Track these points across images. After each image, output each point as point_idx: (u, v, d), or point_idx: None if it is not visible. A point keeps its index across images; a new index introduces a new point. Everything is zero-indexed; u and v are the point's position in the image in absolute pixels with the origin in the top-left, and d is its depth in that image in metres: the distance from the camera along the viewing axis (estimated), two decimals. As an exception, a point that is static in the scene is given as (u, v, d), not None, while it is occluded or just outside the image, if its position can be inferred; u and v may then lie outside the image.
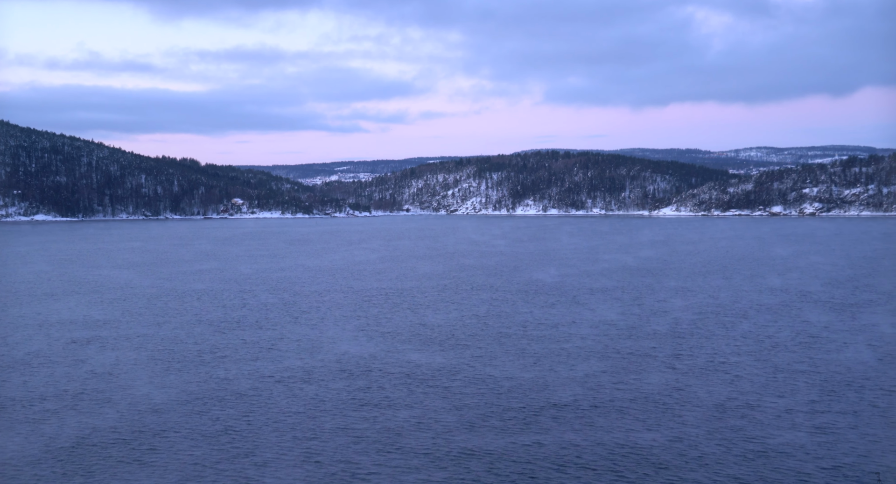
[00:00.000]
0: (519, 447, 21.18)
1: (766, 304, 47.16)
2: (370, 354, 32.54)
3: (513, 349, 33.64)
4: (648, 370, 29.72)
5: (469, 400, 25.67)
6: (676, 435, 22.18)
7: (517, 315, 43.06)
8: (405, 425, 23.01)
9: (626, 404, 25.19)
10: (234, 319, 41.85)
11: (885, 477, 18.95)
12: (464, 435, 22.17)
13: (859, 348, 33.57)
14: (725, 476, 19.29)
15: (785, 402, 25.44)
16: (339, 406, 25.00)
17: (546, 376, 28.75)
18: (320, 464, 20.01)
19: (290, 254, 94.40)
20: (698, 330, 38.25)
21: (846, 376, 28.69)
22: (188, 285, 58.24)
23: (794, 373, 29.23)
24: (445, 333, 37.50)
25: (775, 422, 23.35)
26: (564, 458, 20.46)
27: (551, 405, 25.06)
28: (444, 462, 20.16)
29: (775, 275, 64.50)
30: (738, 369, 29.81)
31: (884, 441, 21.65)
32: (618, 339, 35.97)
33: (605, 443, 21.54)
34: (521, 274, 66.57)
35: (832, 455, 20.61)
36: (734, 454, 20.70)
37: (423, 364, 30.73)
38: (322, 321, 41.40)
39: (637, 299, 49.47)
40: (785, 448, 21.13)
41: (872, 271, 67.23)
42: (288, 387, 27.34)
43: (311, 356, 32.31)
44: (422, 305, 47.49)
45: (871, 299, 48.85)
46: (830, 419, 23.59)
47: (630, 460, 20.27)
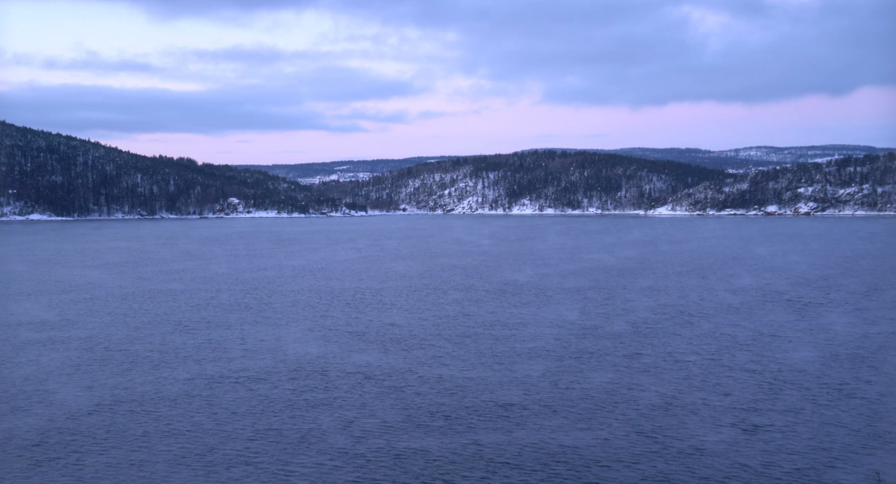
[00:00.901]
0: (458, 447, 21.35)
1: (732, 303, 47.38)
2: (327, 355, 32.72)
3: (473, 349, 33.81)
4: (602, 370, 29.92)
5: (419, 400, 25.84)
6: (614, 434, 22.41)
7: (484, 315, 43.23)
8: (349, 426, 23.16)
9: (573, 403, 25.40)
10: (196, 320, 42.00)
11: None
12: (405, 435, 22.34)
13: (811, 348, 33.81)
14: (648, 475, 19.49)
15: (729, 400, 25.70)
16: (286, 407, 25.11)
17: (501, 376, 28.93)
18: (257, 465, 20.12)
19: (272, 253, 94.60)
20: (659, 329, 38.46)
21: (791, 375, 28.94)
22: (159, 285, 58.40)
23: (744, 372, 29.46)
24: (408, 334, 37.69)
25: (713, 421, 23.59)
26: (501, 457, 20.66)
27: (500, 405, 25.23)
28: (380, 462, 20.30)
29: (749, 275, 64.73)
30: (689, 369, 30.02)
31: (818, 438, 21.87)
32: (578, 338, 36.17)
33: (544, 442, 21.74)
34: (498, 274, 66.77)
35: (757, 453, 20.82)
36: (665, 453, 20.93)
37: (380, 365, 30.91)
38: (285, 322, 41.59)
39: (607, 299, 49.67)
40: (715, 446, 21.35)
41: (846, 271, 67.46)
42: (237, 388, 27.48)
43: (267, 357, 32.48)
44: (391, 305, 47.66)
45: (837, 299, 49.07)
46: (768, 418, 23.83)
47: (563, 459, 20.49)
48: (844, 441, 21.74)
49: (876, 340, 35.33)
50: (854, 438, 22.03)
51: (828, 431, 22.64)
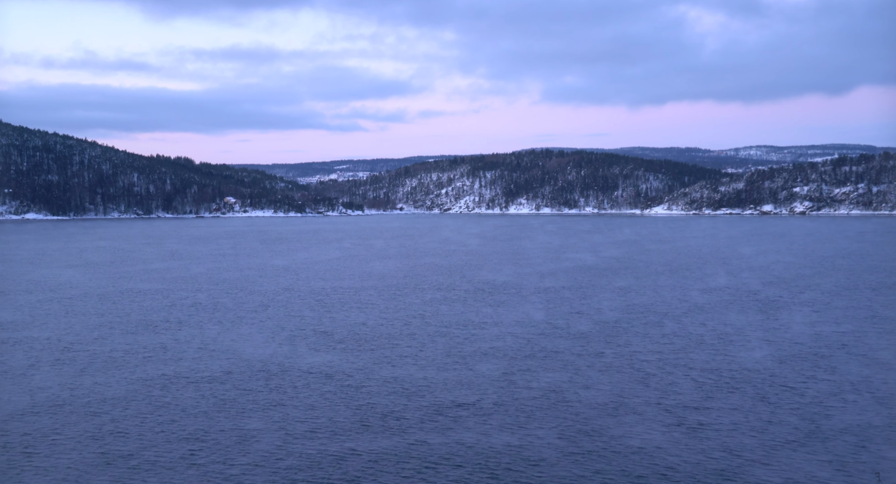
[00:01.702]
0: (404, 447, 21.36)
1: (701, 303, 47.49)
2: (287, 355, 32.75)
3: (434, 350, 33.85)
4: (558, 370, 29.97)
5: (371, 400, 25.86)
6: (560, 433, 22.46)
7: (452, 315, 43.28)
8: (298, 426, 23.16)
9: (524, 403, 25.45)
10: (162, 320, 42.04)
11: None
12: (353, 435, 22.33)
13: (769, 348, 33.88)
14: (584, 474, 19.60)
15: (677, 399, 25.77)
16: (234, 407, 25.11)
17: (457, 376, 28.96)
18: (199, 466, 20.12)
19: (256, 253, 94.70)
20: (624, 329, 38.52)
21: (743, 375, 29.00)
22: (133, 285, 58.45)
23: (699, 372, 29.51)
24: (373, 334, 37.72)
25: (658, 420, 23.66)
26: (445, 457, 20.68)
27: (452, 405, 25.23)
28: (324, 462, 20.31)
29: (725, 274, 64.84)
30: (645, 369, 30.09)
31: (757, 437, 21.98)
32: (541, 338, 36.22)
33: (490, 441, 21.78)
34: (477, 273, 66.87)
35: (694, 451, 20.93)
36: (604, 452, 21.00)
37: (339, 365, 30.93)
38: (251, 322, 41.65)
39: (579, 299, 49.76)
40: (654, 445, 21.45)
41: (822, 270, 67.58)
42: (188, 388, 27.49)
43: (225, 357, 32.49)
44: (362, 304, 47.71)
45: (807, 299, 49.15)
46: (712, 417, 23.92)
47: (504, 458, 20.53)
48: (782, 439, 21.85)
49: (833, 340, 35.41)
50: (792, 436, 22.13)
51: (766, 429, 22.73)
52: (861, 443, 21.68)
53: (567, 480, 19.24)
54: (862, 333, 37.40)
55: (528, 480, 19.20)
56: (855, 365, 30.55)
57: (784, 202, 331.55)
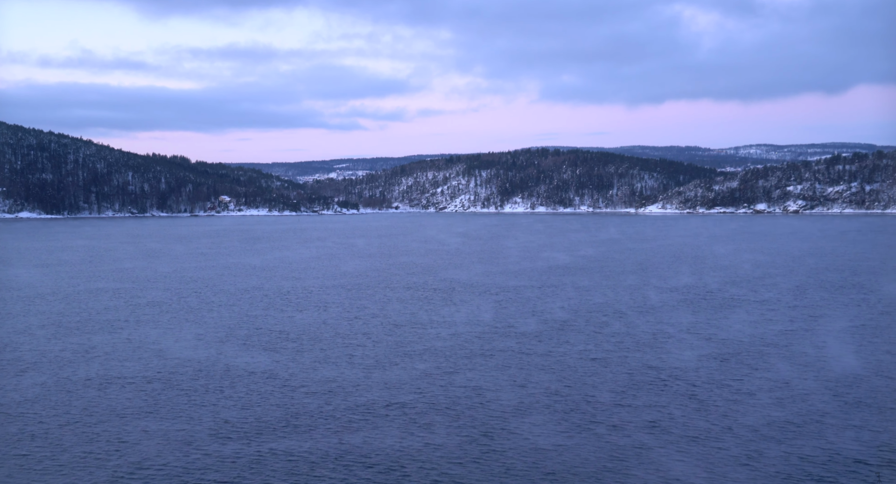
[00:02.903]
0: (322, 448, 21.47)
1: (655, 303, 47.61)
2: (220, 355, 32.81)
3: (381, 349, 33.93)
4: (488, 369, 30.10)
5: (308, 400, 25.84)
6: (468, 434, 22.62)
7: (408, 314, 43.35)
8: (223, 427, 23.23)
9: (441, 403, 25.58)
10: (103, 320, 41.90)
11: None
12: (276, 436, 22.42)
13: (705, 347, 34.03)
14: (481, 476, 19.77)
15: (596, 399, 25.93)
16: (167, 408, 25.19)
17: (392, 376, 29.01)
18: (110, 468, 20.21)
19: (232, 252, 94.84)
20: (569, 329, 38.56)
21: (668, 374, 29.16)
22: (91, 285, 58.43)
23: (627, 371, 29.66)
24: (317, 333, 37.82)
25: (570, 421, 23.84)
26: (354, 458, 20.84)
27: (354, 407, 25.31)
28: (234, 463, 20.44)
29: (691, 274, 64.99)
30: (574, 368, 30.25)
31: (663, 435, 22.18)
32: (486, 338, 36.33)
33: (396, 442, 21.92)
34: (445, 272, 67.02)
35: (593, 452, 21.11)
36: (506, 453, 21.14)
37: (286, 364, 30.99)
38: (196, 322, 41.74)
39: (536, 298, 49.88)
40: (556, 446, 21.63)
41: (788, 269, 67.72)
42: (125, 390, 27.50)
43: (153, 358, 32.44)
44: (321, 304, 47.77)
45: (763, 298, 49.28)
46: (622, 417, 24.10)
47: (403, 460, 20.66)
48: (684, 436, 22.04)
49: (768, 339, 35.57)
50: (695, 434, 22.32)
51: (671, 428, 22.91)
52: (766, 440, 21.88)
53: (457, 480, 19.41)
54: (800, 332, 37.59)
55: (418, 480, 19.38)
56: (782, 364, 30.73)
57: (778, 201, 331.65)
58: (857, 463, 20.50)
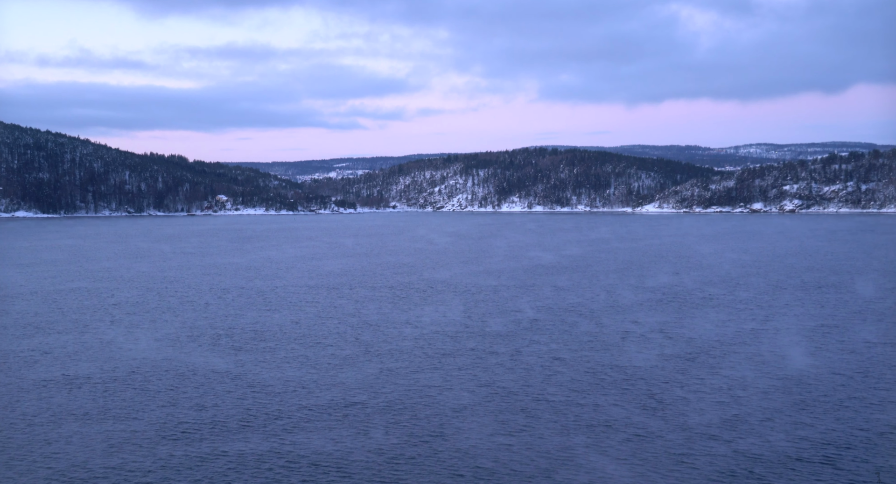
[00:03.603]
0: (256, 449, 21.47)
1: (628, 302, 47.63)
2: (173, 357, 32.72)
3: (345, 349, 33.89)
4: (445, 369, 30.09)
5: (266, 400, 25.82)
6: (410, 434, 22.69)
7: (379, 314, 43.30)
8: (153, 429, 23.21)
9: (401, 404, 25.59)
10: (67, 321, 41.76)
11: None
12: (227, 436, 22.43)
13: (667, 346, 34.08)
14: (412, 478, 19.79)
15: (542, 399, 26.02)
16: (122, 409, 25.17)
17: (347, 377, 28.96)
18: (58, 471, 20.20)
19: (217, 251, 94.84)
20: (535, 329, 38.54)
21: (625, 374, 29.20)
22: (63, 285, 58.24)
23: (582, 371, 29.73)
24: (278, 334, 37.77)
25: (507, 420, 23.94)
26: (291, 458, 20.90)
27: (311, 407, 25.26)
28: (185, 464, 20.49)
29: (670, 274, 64.98)
30: (531, 368, 30.28)
31: (602, 435, 22.22)
32: (450, 338, 36.32)
33: (338, 443, 21.96)
34: (424, 272, 67.02)
35: (522, 453, 21.14)
36: (437, 455, 21.19)
37: (249, 365, 30.90)
38: (156, 322, 41.65)
39: (510, 298, 49.88)
40: (489, 447, 21.68)
41: (767, 269, 67.75)
42: (82, 389, 27.45)
43: (104, 360, 32.25)
44: (287, 304, 47.70)
45: (733, 298, 49.28)
46: (566, 418, 24.17)
47: (349, 460, 20.70)
48: (630, 437, 22.10)
49: (730, 339, 35.60)
50: (642, 434, 22.38)
51: (615, 430, 22.97)
52: (708, 439, 21.92)
53: (387, 480, 19.45)
54: (764, 332, 37.63)
55: (357, 480, 19.44)
56: (740, 364, 30.74)
57: (774, 200, 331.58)
58: (797, 461, 20.55)
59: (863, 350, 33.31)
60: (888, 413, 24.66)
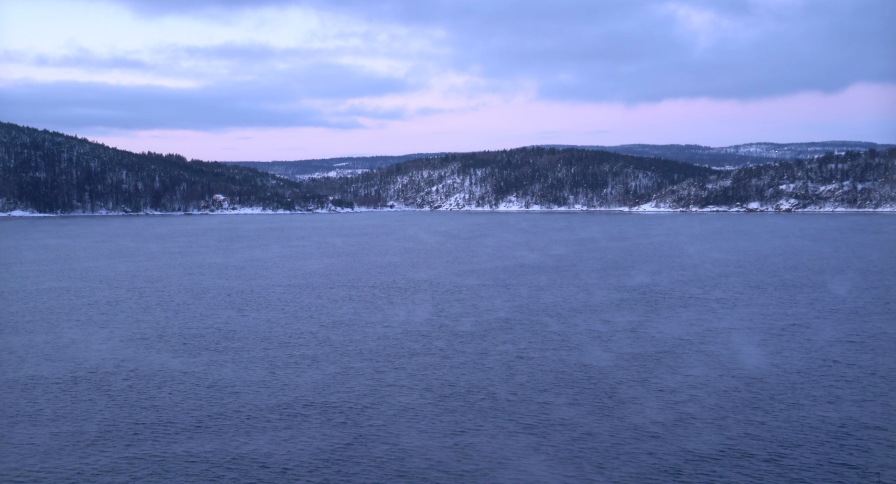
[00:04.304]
0: (207, 450, 21.53)
1: (601, 302, 47.69)
2: (143, 357, 32.76)
3: (306, 350, 33.94)
4: (403, 370, 30.17)
5: (208, 402, 25.88)
6: (355, 437, 22.77)
7: (349, 314, 43.32)
8: (98, 429, 23.23)
9: (353, 405, 25.66)
10: (32, 322, 41.71)
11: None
12: (160, 439, 22.49)
13: (629, 346, 34.10)
14: (335, 479, 19.86)
15: (486, 398, 26.11)
16: (55, 412, 25.15)
17: (297, 378, 28.97)
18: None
19: (203, 251, 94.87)
20: (502, 329, 38.55)
21: (578, 374, 29.27)
22: (41, 284, 58.34)
23: (537, 371, 29.80)
24: (252, 334, 37.80)
25: (444, 423, 24.02)
26: (240, 459, 20.97)
27: (267, 407, 25.29)
28: (120, 465, 20.57)
29: (651, 273, 65.01)
30: (488, 369, 30.34)
31: (540, 436, 22.30)
32: (417, 338, 36.35)
33: (287, 444, 22.04)
34: (407, 271, 67.09)
35: (453, 455, 21.21)
36: (367, 457, 21.26)
37: (196, 366, 30.94)
38: (127, 323, 41.64)
39: (485, 297, 49.91)
40: (414, 448, 21.77)
41: (747, 268, 67.83)
42: (18, 391, 27.43)
43: (61, 360, 32.19)
44: (258, 305, 47.63)
45: (707, 297, 49.30)
46: (517, 418, 24.25)
47: (291, 460, 20.79)
48: (566, 439, 22.18)
49: (692, 339, 35.63)
50: (579, 435, 22.46)
51: (555, 430, 23.03)
52: (647, 439, 21.99)
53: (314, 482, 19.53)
54: (730, 331, 37.71)
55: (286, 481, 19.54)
56: (698, 363, 30.80)
57: (770, 200, 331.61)
58: (743, 458, 20.61)
59: (825, 349, 33.40)
60: (840, 411, 24.76)
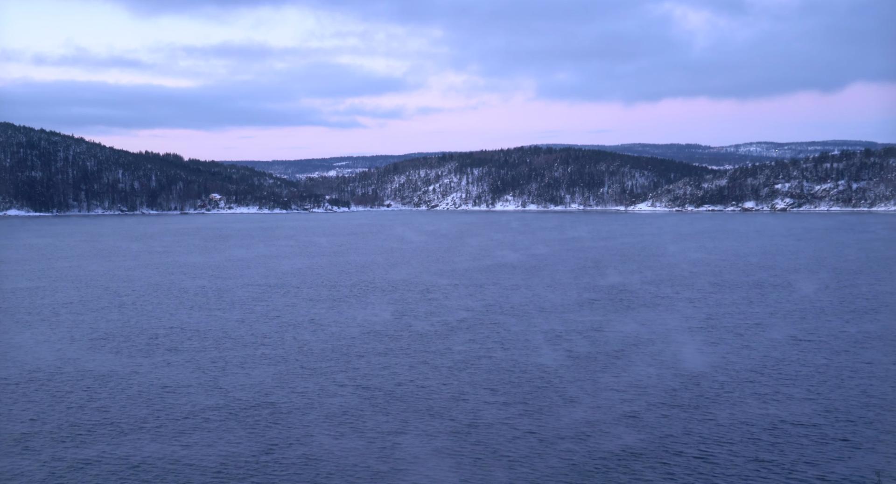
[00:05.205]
0: (131, 453, 21.48)
1: (566, 302, 47.69)
2: (86, 358, 32.65)
3: (254, 350, 33.94)
4: (347, 371, 30.14)
5: (145, 404, 25.82)
6: (270, 441, 22.84)
7: (309, 315, 43.19)
8: (36, 431, 23.25)
9: (281, 404, 25.68)
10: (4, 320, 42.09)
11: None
12: (87, 441, 22.54)
13: (584, 346, 34.05)
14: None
15: (428, 401, 26.13)
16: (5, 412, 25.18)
17: (242, 379, 28.90)
18: None
19: (186, 250, 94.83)
20: (461, 329, 38.49)
21: (524, 376, 29.25)
22: (8, 284, 58.19)
23: (483, 372, 29.80)
24: (212, 334, 37.74)
25: (363, 426, 24.04)
26: (155, 463, 20.98)
27: (214, 408, 25.25)
28: (32, 467, 20.61)
29: (628, 273, 64.94)
30: (435, 368, 30.33)
31: (458, 439, 22.26)
32: (369, 339, 36.32)
33: (213, 447, 22.04)
34: (382, 271, 67.05)
35: (372, 456, 21.20)
36: (284, 459, 21.24)
37: (142, 368, 30.81)
38: (80, 324, 41.56)
39: (453, 297, 49.87)
40: (331, 450, 21.81)
41: (722, 268, 67.74)
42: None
43: (14, 362, 32.06)
44: (227, 304, 47.56)
45: (674, 297, 49.26)
46: (445, 421, 24.30)
47: (205, 463, 20.80)
48: (481, 443, 22.18)
49: (647, 339, 35.59)
50: (497, 438, 22.46)
51: (472, 433, 23.03)
52: (563, 440, 22.00)
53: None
54: (685, 331, 37.69)
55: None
56: (642, 363, 30.78)
57: (766, 199, 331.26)
58: (676, 454, 20.57)
59: (779, 348, 33.41)
60: (781, 409, 24.84)
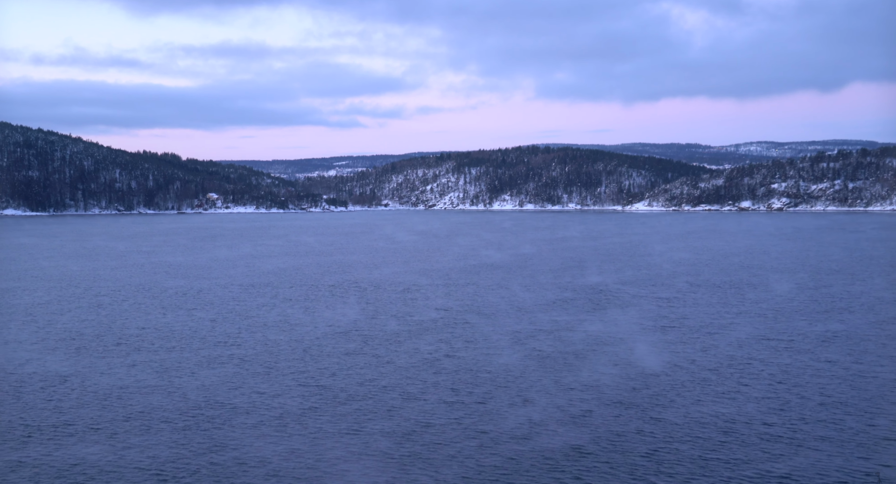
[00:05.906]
0: (75, 455, 21.44)
1: (539, 302, 47.53)
2: (38, 360, 32.57)
3: (223, 351, 33.88)
4: (306, 372, 30.09)
5: (102, 406, 25.67)
6: (211, 444, 22.80)
7: (280, 315, 43.03)
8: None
9: (231, 406, 25.64)
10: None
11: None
12: (35, 442, 22.51)
13: (549, 346, 33.96)
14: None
15: (382, 402, 26.03)
16: None
17: (203, 380, 28.80)
18: None
19: (172, 250, 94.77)
20: (428, 330, 38.38)
21: (479, 378, 29.17)
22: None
23: (445, 373, 29.71)
24: (184, 334, 37.62)
25: (327, 430, 23.95)
26: (91, 465, 20.89)
27: (164, 410, 25.16)
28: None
29: (608, 272, 64.85)
30: (399, 368, 30.27)
31: (404, 444, 22.21)
32: (336, 339, 36.19)
33: (156, 450, 21.98)
34: (362, 271, 66.97)
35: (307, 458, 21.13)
36: (212, 463, 21.19)
37: (106, 368, 30.64)
38: (45, 325, 41.46)
39: (428, 297, 49.77)
40: (258, 455, 21.67)
41: (704, 268, 67.63)
42: None
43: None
44: (200, 304, 47.44)
45: (654, 297, 49.13)
46: (398, 422, 24.22)
47: (145, 467, 20.73)
48: (421, 442, 22.11)
49: (610, 339, 35.48)
50: (440, 441, 22.41)
51: (420, 437, 22.95)
52: (502, 443, 21.92)
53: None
54: (650, 330, 37.55)
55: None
56: (599, 364, 30.68)
57: (762, 199, 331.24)
58: (625, 453, 20.48)
59: (744, 347, 33.33)
60: (737, 407, 24.81)
